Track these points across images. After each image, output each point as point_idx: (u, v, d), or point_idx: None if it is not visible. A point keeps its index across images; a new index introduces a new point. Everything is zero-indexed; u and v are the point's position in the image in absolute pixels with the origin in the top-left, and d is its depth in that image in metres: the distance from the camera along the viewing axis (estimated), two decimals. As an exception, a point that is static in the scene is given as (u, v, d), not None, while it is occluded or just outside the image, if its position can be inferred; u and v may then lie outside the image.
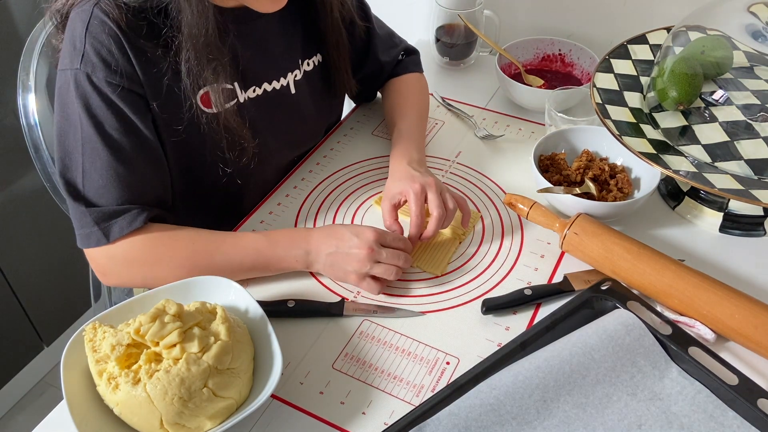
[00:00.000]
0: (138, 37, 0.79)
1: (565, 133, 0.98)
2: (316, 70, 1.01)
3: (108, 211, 0.80)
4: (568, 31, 1.26)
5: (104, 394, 0.67)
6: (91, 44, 0.78)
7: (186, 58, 0.80)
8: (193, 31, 0.78)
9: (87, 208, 0.80)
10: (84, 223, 0.80)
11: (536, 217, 0.88)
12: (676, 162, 0.84)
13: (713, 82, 0.90)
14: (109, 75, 0.78)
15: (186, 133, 0.85)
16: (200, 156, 0.89)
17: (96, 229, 0.80)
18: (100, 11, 0.78)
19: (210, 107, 0.86)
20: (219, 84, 0.83)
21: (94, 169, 0.80)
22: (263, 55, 0.92)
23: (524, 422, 0.65)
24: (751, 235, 0.90)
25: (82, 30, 0.78)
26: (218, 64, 0.82)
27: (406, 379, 0.75)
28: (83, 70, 0.78)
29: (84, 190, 0.80)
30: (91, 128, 0.79)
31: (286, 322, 0.80)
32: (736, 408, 0.66)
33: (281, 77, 0.96)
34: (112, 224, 0.80)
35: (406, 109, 1.05)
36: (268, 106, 0.94)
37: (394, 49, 1.11)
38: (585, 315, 0.75)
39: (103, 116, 0.79)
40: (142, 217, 0.81)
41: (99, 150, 0.79)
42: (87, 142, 0.79)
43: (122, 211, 0.80)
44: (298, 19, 0.97)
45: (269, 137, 0.95)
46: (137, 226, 0.80)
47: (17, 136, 1.09)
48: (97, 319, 0.72)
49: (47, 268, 1.67)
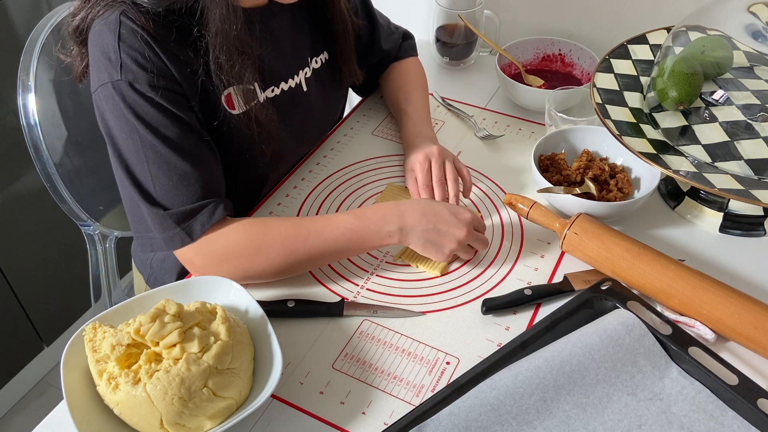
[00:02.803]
0: (168, 42, 0.79)
1: (565, 133, 0.98)
2: (324, 67, 1.02)
3: (186, 211, 0.80)
4: (568, 31, 1.26)
5: (104, 394, 0.67)
6: (127, 53, 0.78)
7: (216, 55, 0.80)
8: (224, 27, 0.78)
9: (165, 211, 0.80)
10: (166, 226, 0.80)
11: (536, 217, 0.88)
12: (676, 162, 0.84)
13: (713, 82, 0.90)
14: (150, 79, 0.78)
15: (218, 132, 0.86)
16: (228, 154, 0.89)
17: (178, 230, 0.80)
18: (127, 19, 0.78)
19: (234, 108, 0.87)
20: (244, 84, 0.84)
21: (162, 173, 0.79)
22: (279, 54, 0.93)
23: (524, 422, 0.65)
24: (751, 235, 0.90)
25: (114, 41, 0.78)
26: (248, 58, 0.83)
27: (406, 379, 0.75)
28: (125, 80, 0.78)
29: (157, 195, 0.80)
30: (148, 134, 0.79)
31: (286, 322, 0.80)
32: (736, 408, 0.66)
33: (295, 75, 0.96)
34: (193, 222, 0.80)
35: (410, 91, 1.09)
36: (285, 104, 0.95)
37: (394, 35, 1.14)
38: (585, 315, 0.75)
39: (157, 120, 0.79)
40: (219, 209, 0.81)
41: (162, 153, 0.79)
42: (148, 148, 0.79)
43: (199, 208, 0.80)
44: (306, 17, 0.98)
45: (287, 135, 0.96)
46: (217, 219, 0.81)
47: (17, 136, 1.09)
48: (97, 319, 0.72)
49: (47, 268, 1.67)
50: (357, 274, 0.87)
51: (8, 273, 1.56)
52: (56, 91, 1.05)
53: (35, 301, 1.66)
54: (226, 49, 0.80)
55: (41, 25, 1.03)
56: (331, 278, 0.86)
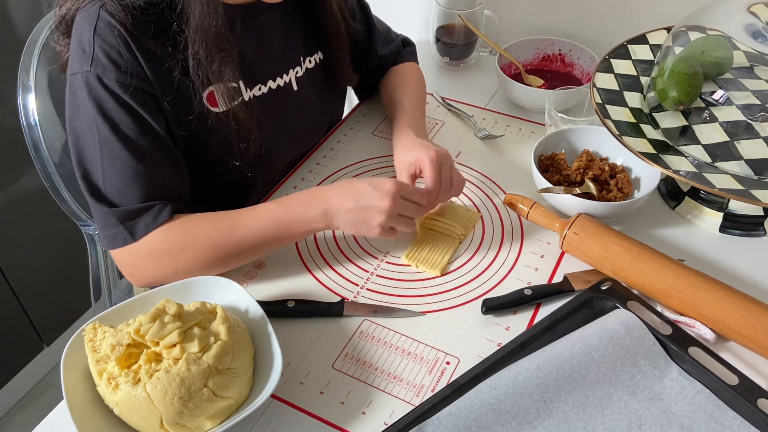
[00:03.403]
0: (145, 37, 0.79)
1: (565, 133, 0.98)
2: (318, 67, 1.02)
3: (131, 210, 0.80)
4: (568, 31, 1.26)
5: (104, 394, 0.67)
6: (100, 46, 0.78)
7: (195, 51, 0.80)
8: (204, 23, 0.78)
9: (110, 208, 0.80)
10: (109, 223, 0.80)
11: (536, 217, 0.88)
12: (676, 162, 0.84)
13: (713, 82, 0.90)
14: (119, 76, 0.78)
15: (195, 128, 0.86)
16: (209, 151, 0.89)
17: (121, 228, 0.80)
18: (106, 13, 0.78)
19: (216, 106, 0.86)
20: (225, 82, 0.84)
21: (113, 170, 0.79)
22: (267, 52, 0.93)
23: (524, 422, 0.65)
24: (751, 235, 0.90)
25: (89, 33, 0.78)
26: (227, 55, 0.82)
27: (406, 379, 0.75)
28: (94, 73, 0.78)
29: (106, 191, 0.80)
30: (107, 129, 0.79)
31: (286, 322, 0.80)
32: (736, 408, 0.66)
33: (284, 74, 0.96)
34: (137, 222, 0.80)
35: (406, 88, 1.07)
36: (272, 103, 0.95)
37: (392, 44, 1.13)
38: (585, 315, 0.75)
39: (118, 117, 0.79)
40: (165, 211, 0.81)
41: (116, 150, 0.79)
42: (104, 143, 0.79)
43: (145, 208, 0.80)
44: (300, 16, 0.97)
45: (274, 134, 0.96)
46: (162, 221, 0.80)
47: (17, 136, 1.09)
48: (97, 319, 0.72)
49: (47, 268, 1.67)
50: (357, 274, 0.87)
51: (8, 273, 1.56)
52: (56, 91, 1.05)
53: (35, 301, 1.66)
54: (206, 46, 0.80)
55: (41, 25, 1.03)
56: (331, 278, 0.86)
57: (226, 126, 0.87)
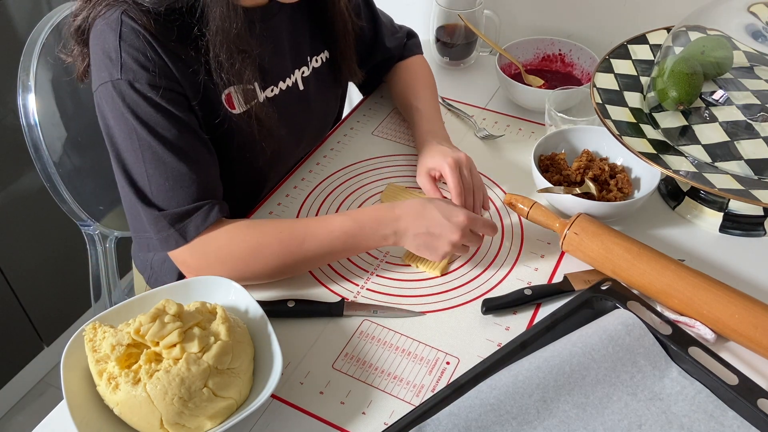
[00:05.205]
0: (169, 41, 0.79)
1: (565, 133, 0.98)
2: (324, 66, 1.02)
3: (180, 212, 0.80)
4: (568, 31, 1.26)
5: (104, 394, 0.67)
6: (127, 52, 0.78)
7: (216, 53, 0.80)
8: (224, 24, 0.78)
9: (160, 212, 0.80)
10: (160, 227, 0.80)
11: (536, 217, 0.88)
12: (676, 162, 0.84)
13: (713, 82, 0.90)
14: (150, 78, 0.78)
15: (220, 131, 0.86)
16: (228, 153, 0.89)
17: (173, 231, 0.80)
18: (128, 19, 0.78)
19: (234, 108, 0.87)
20: (244, 84, 0.84)
21: (158, 174, 0.79)
22: (279, 53, 0.93)
23: (524, 422, 0.65)
24: (751, 235, 0.90)
25: (115, 40, 0.78)
26: (248, 56, 0.82)
27: (406, 379, 0.75)
28: (125, 79, 0.78)
29: (153, 196, 0.80)
30: (146, 134, 0.79)
31: (286, 322, 0.80)
32: (736, 408, 0.66)
33: (291, 74, 0.97)
34: (187, 224, 0.80)
35: (419, 89, 1.08)
36: (283, 103, 0.95)
37: (398, 34, 1.13)
38: (585, 315, 0.75)
39: (155, 120, 0.79)
40: (215, 211, 0.81)
41: (159, 154, 0.79)
42: (145, 148, 0.79)
43: (194, 209, 0.80)
44: (306, 15, 0.98)
45: (286, 135, 0.96)
46: (212, 221, 0.81)
47: (17, 136, 1.09)
48: (97, 319, 0.72)
49: (47, 268, 1.67)
50: (357, 274, 0.87)
51: (8, 273, 1.56)
52: (56, 91, 1.05)
53: (35, 301, 1.66)
54: (227, 48, 0.80)
55: (41, 25, 1.03)
56: (331, 278, 0.86)
57: (248, 126, 0.88)
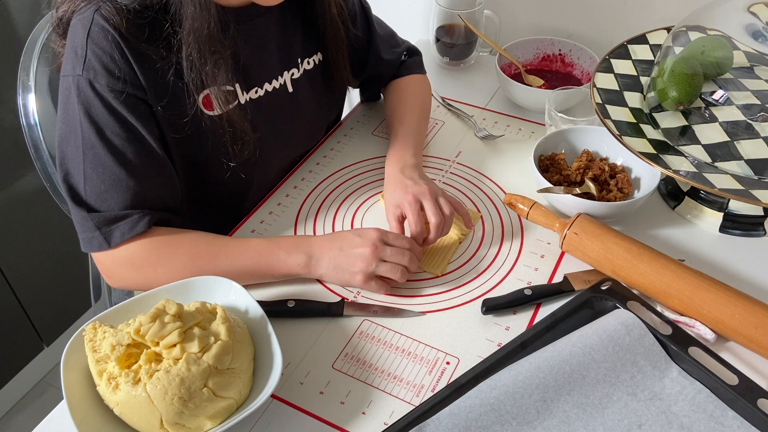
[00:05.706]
0: (139, 41, 0.79)
1: (565, 133, 0.98)
2: (317, 68, 1.01)
3: (109, 216, 0.80)
4: (568, 31, 1.26)
5: (104, 394, 0.67)
6: (93, 51, 0.78)
7: (188, 53, 0.80)
8: (195, 24, 0.78)
9: (89, 213, 0.80)
10: (86, 227, 0.80)
11: (536, 217, 0.88)
12: (676, 162, 0.84)
13: (713, 82, 0.90)
14: (111, 81, 0.78)
15: (189, 131, 0.86)
16: (203, 153, 0.89)
17: (98, 233, 0.80)
18: (100, 17, 0.78)
19: (211, 110, 0.86)
20: (220, 85, 0.83)
21: (95, 175, 0.80)
22: (263, 54, 0.93)
23: (524, 422, 0.65)
24: (751, 235, 0.90)
25: (83, 36, 0.78)
26: (220, 57, 0.82)
27: (406, 379, 0.75)
28: (85, 77, 0.78)
29: (86, 195, 0.80)
30: (93, 134, 0.79)
31: (286, 322, 0.80)
32: (736, 408, 0.66)
33: (279, 76, 0.96)
34: (114, 229, 0.80)
35: (404, 111, 1.05)
36: (267, 105, 0.94)
37: (397, 49, 1.11)
38: (585, 315, 0.75)
39: (105, 122, 0.79)
40: (144, 221, 0.81)
41: (100, 155, 0.79)
42: (88, 147, 0.79)
43: (124, 216, 0.80)
44: (298, 17, 0.97)
45: (270, 136, 0.95)
46: (139, 231, 0.80)
47: (17, 136, 1.09)
48: (97, 319, 0.72)
49: (47, 268, 1.67)
50: (357, 274, 0.87)
51: (8, 273, 1.56)
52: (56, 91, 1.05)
53: (35, 301, 1.66)
54: (198, 48, 0.80)
55: (41, 25, 1.03)
56: (331, 278, 0.86)
57: (219, 128, 0.87)
